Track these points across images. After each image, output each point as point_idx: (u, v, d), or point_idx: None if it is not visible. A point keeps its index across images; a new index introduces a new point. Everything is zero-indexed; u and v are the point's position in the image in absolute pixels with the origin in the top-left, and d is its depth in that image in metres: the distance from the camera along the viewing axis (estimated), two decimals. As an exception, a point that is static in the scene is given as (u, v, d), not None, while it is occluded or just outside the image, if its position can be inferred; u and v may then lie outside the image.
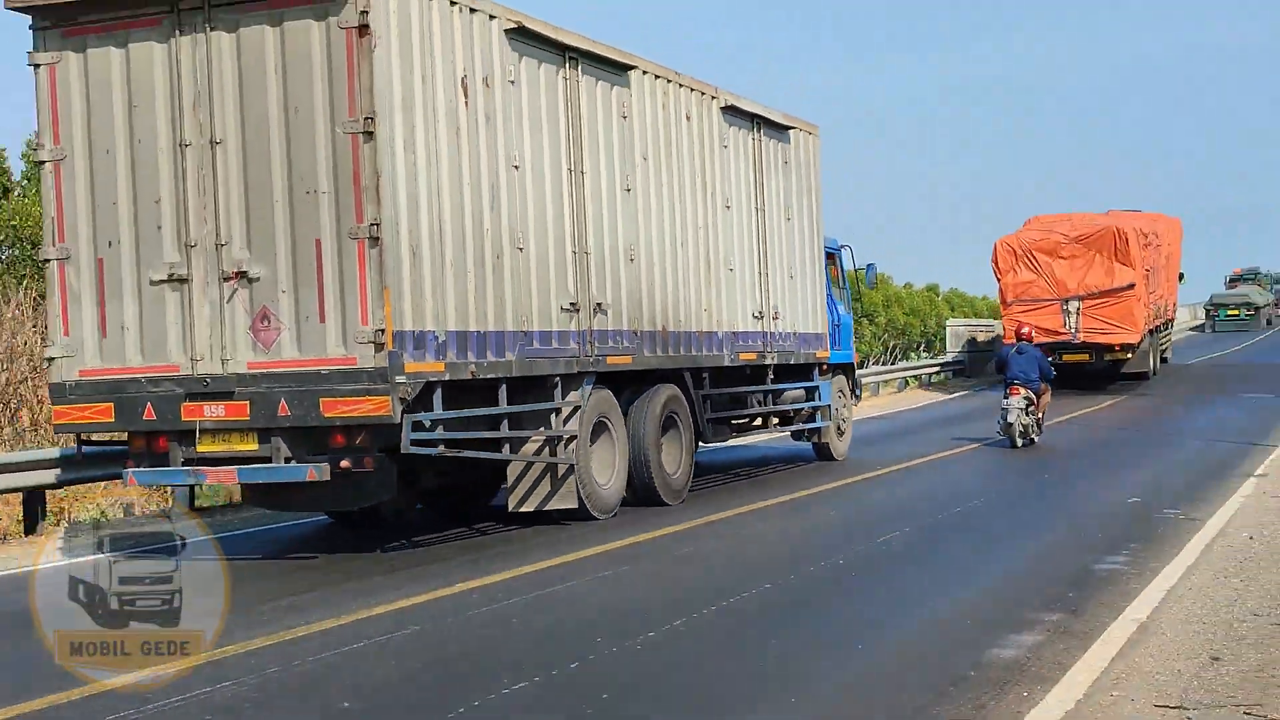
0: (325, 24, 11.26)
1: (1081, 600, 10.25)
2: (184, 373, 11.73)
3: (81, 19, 11.88)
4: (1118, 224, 33.87)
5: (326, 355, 11.38)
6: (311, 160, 11.39)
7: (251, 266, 11.62)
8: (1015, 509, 15.93)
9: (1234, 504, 15.01)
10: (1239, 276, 72.29)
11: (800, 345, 18.80)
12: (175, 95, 11.74)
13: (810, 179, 19.50)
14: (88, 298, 12.04)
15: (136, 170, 11.89)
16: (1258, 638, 9.09)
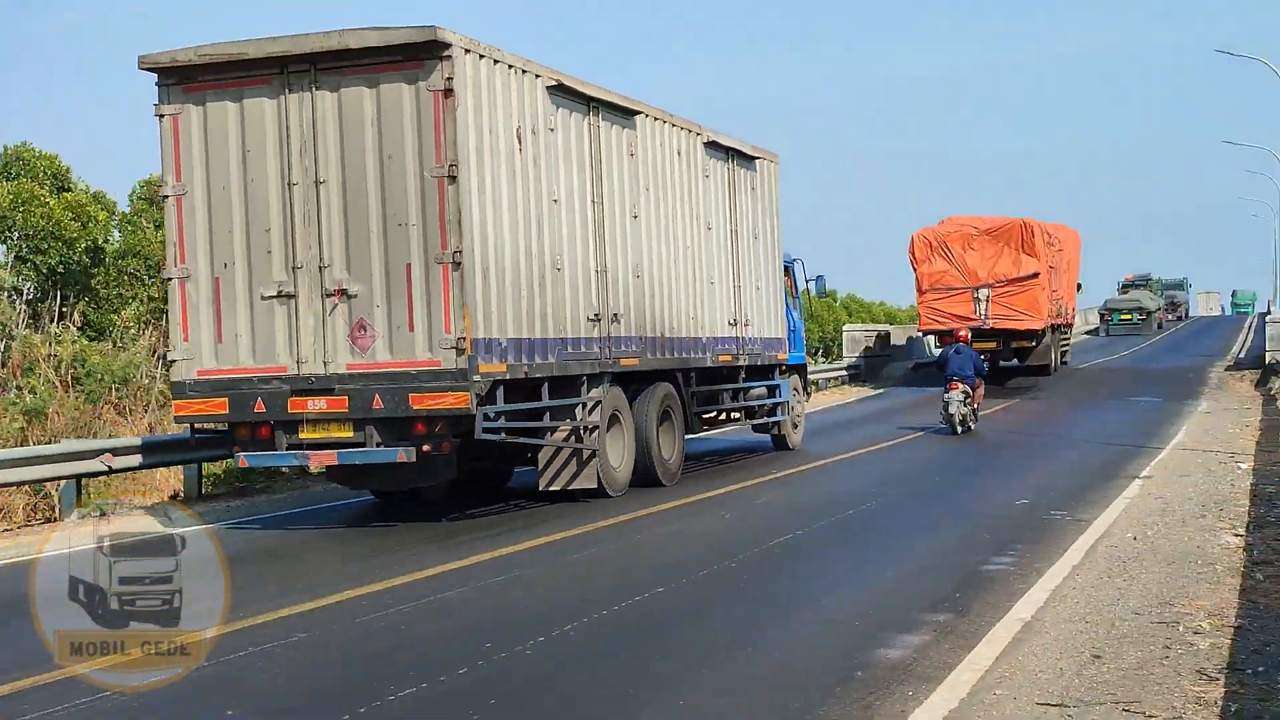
0: (415, 87, 13.48)
1: (968, 600, 10.39)
2: (291, 372, 13.90)
3: (201, 78, 13.98)
4: (1025, 220, 36.32)
5: (415, 358, 13.61)
6: (403, 198, 13.59)
7: (350, 285, 13.81)
8: (910, 509, 16.09)
9: (1119, 505, 15.29)
10: (1131, 282, 74.15)
11: (765, 348, 21.29)
12: (284, 142, 13.87)
13: (772, 201, 21.90)
14: (205, 310, 14.12)
15: (249, 204, 14.00)
16: (1138, 636, 9.27)
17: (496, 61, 14.30)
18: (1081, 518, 14.48)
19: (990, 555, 12.37)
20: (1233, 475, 17.87)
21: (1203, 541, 12.90)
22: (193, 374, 14.17)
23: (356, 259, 13.80)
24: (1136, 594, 10.60)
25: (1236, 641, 9.03)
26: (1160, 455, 20.50)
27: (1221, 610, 9.95)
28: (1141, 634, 9.30)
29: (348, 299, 13.81)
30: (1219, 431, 24.23)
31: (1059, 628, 9.52)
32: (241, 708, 8.04)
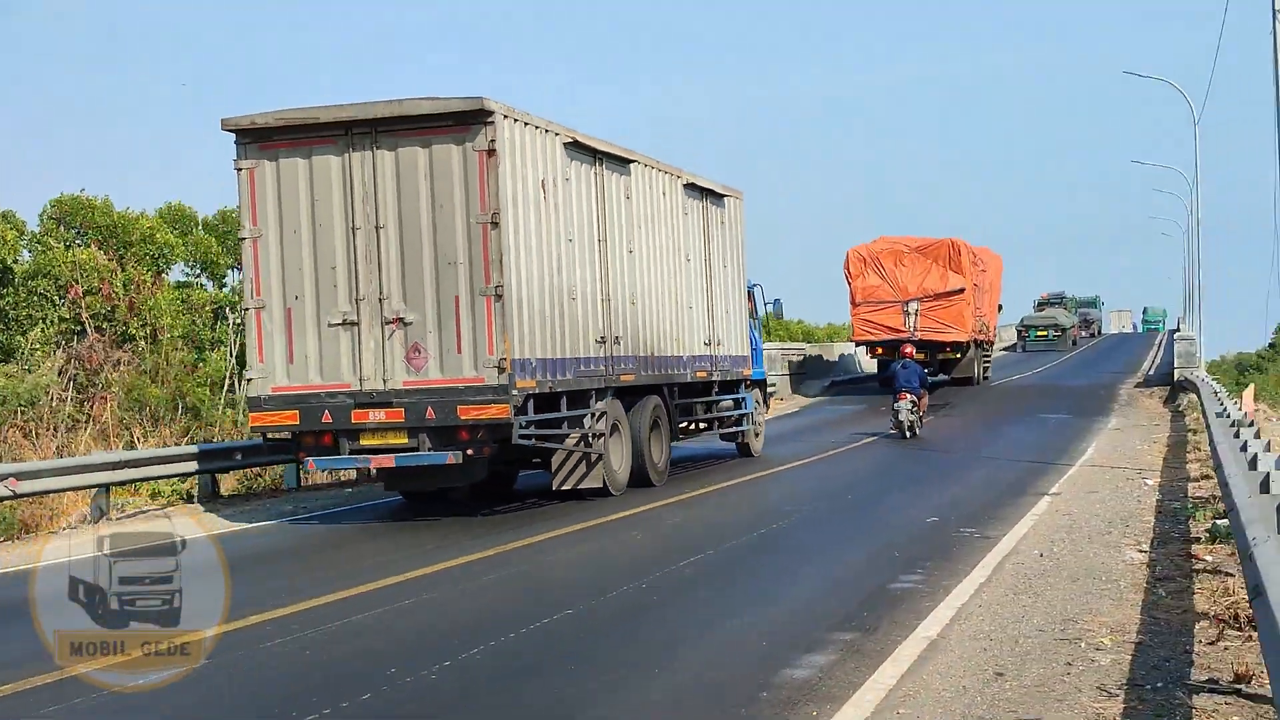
0: (463, 147, 15.66)
1: (875, 619, 10.43)
2: (354, 388, 16.00)
3: (276, 138, 16.07)
4: (952, 239, 38.91)
5: (462, 376, 15.77)
6: (451, 241, 15.75)
7: (406, 314, 15.93)
8: (826, 526, 16.15)
9: (1027, 522, 15.44)
10: (1047, 300, 76.13)
11: (733, 365, 23.62)
12: (348, 192, 15.99)
13: (738, 233, 24.33)
14: (278, 336, 16.16)
15: (318, 245, 16.08)
16: (1041, 652, 9.36)
17: (526, 124, 16.39)
18: (990, 535, 14.60)
19: (899, 573, 12.42)
20: (1139, 491, 18.13)
21: (1108, 558, 13.07)
22: (267, 390, 16.22)
23: (412, 292, 15.93)
24: (1041, 611, 10.70)
25: (1137, 657, 9.15)
26: (1069, 472, 20.75)
27: (1123, 626, 10.07)
28: (1044, 651, 9.39)
29: (404, 326, 15.96)
30: (1127, 448, 24.59)
31: (964, 645, 9.59)
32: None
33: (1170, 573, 12.20)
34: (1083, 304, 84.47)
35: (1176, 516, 15.59)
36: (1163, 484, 18.89)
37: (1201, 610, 10.52)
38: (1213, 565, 12.33)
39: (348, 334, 16.05)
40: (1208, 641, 9.52)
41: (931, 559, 13.13)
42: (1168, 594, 11.27)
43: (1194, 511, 15.44)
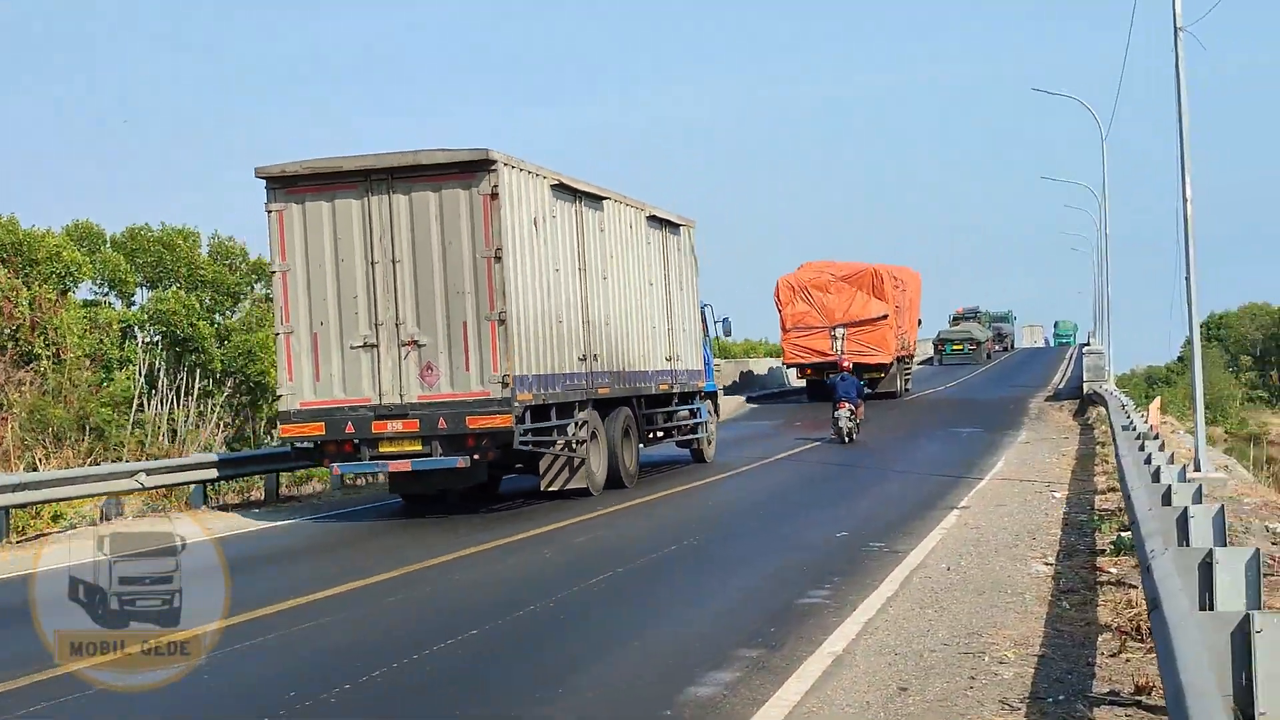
0: (470, 191, 17.60)
1: (781, 635, 10.39)
2: (374, 403, 17.82)
3: (302, 184, 17.91)
4: (875, 267, 41.51)
5: (470, 390, 17.66)
6: (460, 273, 17.66)
7: (420, 337, 17.82)
8: (738, 542, 16.11)
9: (935, 536, 15.49)
10: (962, 315, 78.09)
11: (689, 379, 25.64)
12: (367, 231, 17.84)
13: (692, 259, 26.36)
14: (305, 357, 17.95)
15: (340, 277, 17.89)
16: (945, 667, 9.36)
17: (521, 170, 18.32)
18: (899, 549, 14.63)
19: (807, 588, 12.40)
20: (1047, 504, 18.27)
21: (1014, 571, 13.13)
22: (296, 404, 17.95)
23: (424, 317, 17.80)
24: (946, 625, 10.72)
25: (1040, 670, 9.17)
26: (979, 485, 20.89)
27: (1027, 639, 10.10)
28: (948, 665, 9.39)
29: (418, 347, 17.80)
30: (1036, 461, 24.82)
31: (869, 660, 9.57)
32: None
33: (1075, 585, 12.28)
34: (996, 319, 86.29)
35: (1082, 529, 15.71)
36: (1070, 497, 19.06)
37: (1105, 622, 10.58)
38: (1117, 577, 12.43)
39: (368, 355, 17.92)
40: (1110, 654, 9.57)
41: (840, 574, 13.13)
42: (1072, 606, 11.33)
43: (1099, 524, 15.58)
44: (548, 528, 17.22)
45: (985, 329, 76.58)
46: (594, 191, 20.99)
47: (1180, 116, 20.48)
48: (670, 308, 24.80)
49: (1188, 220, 20.32)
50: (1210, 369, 76.72)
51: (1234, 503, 18.18)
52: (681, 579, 13.56)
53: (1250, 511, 17.51)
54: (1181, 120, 20.48)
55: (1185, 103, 20.44)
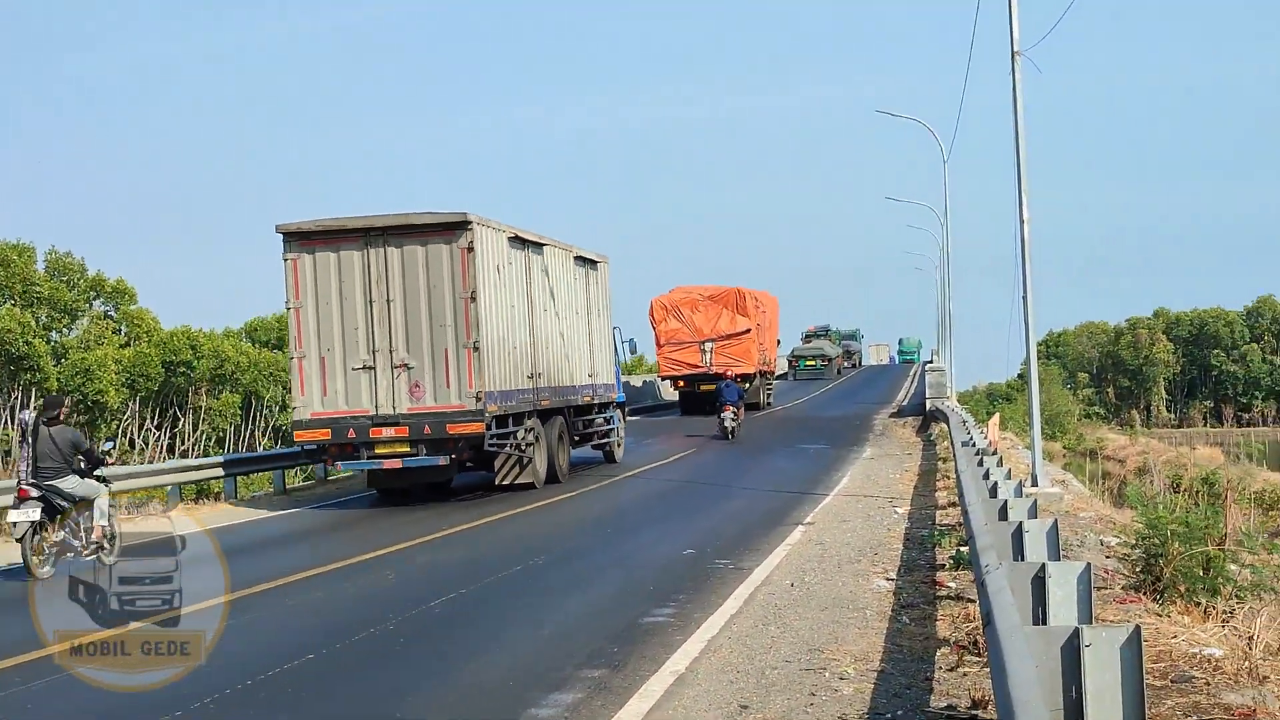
0: (451, 246, 21.25)
1: (624, 655, 10.32)
2: (371, 413, 21.42)
3: (313, 238, 21.49)
4: (738, 288, 45.68)
5: (450, 403, 21.30)
6: (442, 310, 21.31)
7: (409, 361, 21.42)
8: (576, 562, 15.96)
9: (780, 552, 15.57)
10: (813, 333, 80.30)
11: (605, 391, 29.38)
12: (366, 276, 21.40)
13: (606, 289, 30.22)
14: (314, 376, 21.51)
15: (343, 313, 21.45)
16: (786, 684, 9.37)
17: (488, 227, 22.02)
18: (744, 565, 14.67)
19: (652, 606, 12.35)
20: (889, 520, 18.49)
21: (856, 587, 13.24)
22: (307, 414, 21.55)
23: (413, 345, 21.42)
24: (789, 641, 10.75)
25: (879, 686, 9.23)
26: (825, 501, 21.08)
27: (867, 655, 10.18)
28: (789, 682, 9.41)
29: (407, 369, 21.41)
30: (880, 477, 25.15)
31: (711, 679, 9.55)
32: None
33: (915, 600, 12.41)
34: (845, 336, 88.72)
35: (923, 544, 15.92)
36: (912, 512, 19.32)
37: (943, 637, 10.71)
38: (956, 592, 12.60)
39: (366, 375, 21.47)
40: (948, 668, 9.67)
41: (685, 591, 13.12)
42: (912, 621, 11.45)
43: (940, 539, 15.79)
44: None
45: (836, 346, 79.41)
46: (537, 240, 24.92)
47: (1017, 139, 20.91)
48: (591, 331, 28.76)
49: (1025, 241, 20.75)
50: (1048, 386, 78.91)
51: (1070, 517, 18.60)
52: (526, 600, 13.39)
53: (1085, 525, 17.91)
54: (1019, 142, 20.91)
55: (1022, 125, 20.88)
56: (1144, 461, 53.58)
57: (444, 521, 19.70)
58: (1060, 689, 6.30)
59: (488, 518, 20.09)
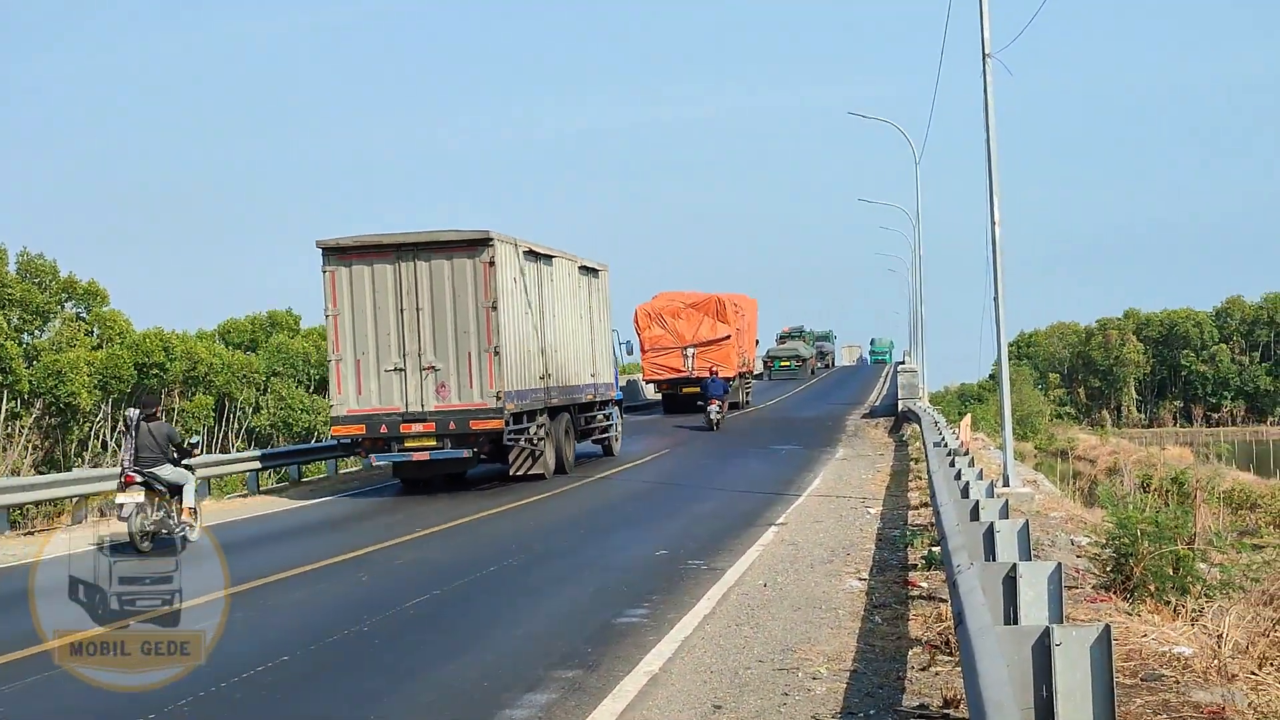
0: (474, 260, 23.40)
1: (599, 655, 10.36)
2: (402, 410, 23.52)
3: (349, 253, 23.59)
4: (718, 296, 47.88)
5: (473, 402, 23.41)
6: (466, 318, 23.44)
7: (436, 363, 23.51)
8: (552, 562, 15.96)
9: (754, 553, 15.63)
10: (788, 334, 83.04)
11: (605, 390, 31.62)
12: (398, 287, 23.49)
13: (606, 295, 32.50)
14: (350, 377, 23.62)
15: (377, 320, 23.56)
16: (759, 683, 9.42)
17: (505, 242, 24.08)
18: (717, 566, 14.72)
19: (625, 607, 12.39)
20: (862, 520, 18.57)
21: (829, 587, 13.30)
22: (344, 411, 23.63)
23: (439, 349, 23.54)
24: (762, 641, 10.80)
25: (852, 685, 9.29)
26: (797, 502, 21.15)
27: (840, 655, 10.23)
28: (762, 682, 9.46)
29: (434, 371, 23.53)
30: (853, 478, 25.24)
31: (685, 679, 9.59)
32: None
33: (887, 600, 12.48)
34: (819, 338, 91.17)
35: (896, 544, 15.99)
36: (884, 513, 19.40)
37: (915, 636, 10.77)
38: (928, 592, 12.67)
39: (397, 376, 23.56)
40: (920, 667, 9.73)
41: (659, 592, 13.16)
42: (884, 621, 11.51)
43: (912, 539, 15.86)
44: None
45: (809, 347, 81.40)
46: (547, 252, 26.97)
47: (989, 141, 21.02)
48: (593, 334, 30.95)
49: (996, 242, 20.84)
50: (1019, 387, 79.23)
51: (1040, 517, 18.70)
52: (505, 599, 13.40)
53: (1056, 525, 18.01)
54: (990, 144, 21.02)
55: (994, 127, 20.99)
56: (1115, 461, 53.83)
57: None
58: (1031, 688, 6.36)
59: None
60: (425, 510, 21.66)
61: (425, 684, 9.73)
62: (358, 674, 10.13)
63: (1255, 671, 9.78)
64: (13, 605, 12.24)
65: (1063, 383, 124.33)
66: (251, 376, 51.63)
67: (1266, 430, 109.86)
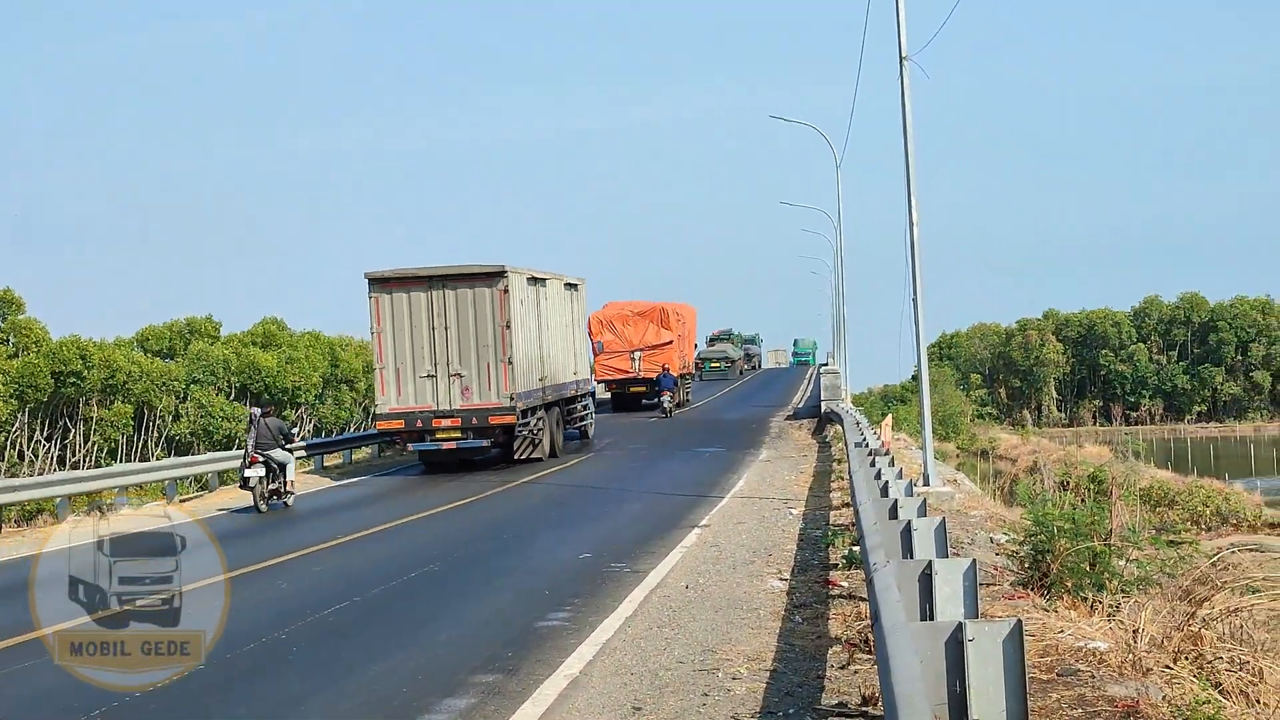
0: (492, 289, 28.09)
1: (520, 659, 10.32)
2: (433, 408, 28.16)
3: (391, 283, 28.20)
4: (661, 305, 53.53)
5: (491, 402, 27.98)
6: (485, 334, 28.11)
7: (461, 371, 28.13)
8: (474, 567, 15.88)
9: (676, 555, 15.63)
10: (717, 336, 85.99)
11: (584, 385, 36.80)
12: (430, 310, 28.14)
13: (584, 302, 38.08)
14: (392, 382, 28.27)
15: (413, 336, 28.19)
16: (679, 685, 9.42)
17: (516, 273, 29.04)
18: (640, 568, 14.71)
19: (548, 610, 12.36)
20: (784, 521, 18.63)
21: (750, 587, 13.33)
22: (387, 409, 28.47)
23: (464, 360, 28.27)
24: (682, 643, 10.81)
25: (771, 684, 9.31)
26: (721, 504, 21.17)
27: (760, 654, 10.25)
28: (682, 683, 9.46)
29: (459, 377, 28.25)
30: (776, 479, 25.32)
31: (605, 681, 9.58)
32: None
33: (808, 600, 12.52)
34: (746, 341, 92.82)
35: (817, 545, 16.06)
36: (806, 513, 19.47)
37: (835, 635, 10.82)
38: (848, 591, 12.73)
39: (429, 381, 28.39)
40: (839, 666, 9.77)
41: (581, 595, 13.13)
42: (804, 621, 11.56)
43: (833, 539, 15.94)
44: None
45: (738, 349, 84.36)
46: (543, 276, 32.39)
47: (906, 142, 21.18)
48: (575, 338, 36.08)
49: (914, 243, 21.00)
50: (942, 387, 79.97)
51: (960, 515, 18.87)
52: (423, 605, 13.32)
53: (976, 524, 18.18)
54: (907, 146, 21.18)
55: (911, 129, 21.15)
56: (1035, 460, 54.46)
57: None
58: (945, 683, 6.40)
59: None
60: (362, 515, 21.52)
61: (346, 689, 9.64)
62: (278, 679, 10.03)
63: (1170, 665, 9.90)
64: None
65: (984, 383, 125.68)
66: (171, 384, 51.06)
67: (1184, 428, 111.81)
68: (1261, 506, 39.32)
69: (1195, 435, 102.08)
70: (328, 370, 59.35)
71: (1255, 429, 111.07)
